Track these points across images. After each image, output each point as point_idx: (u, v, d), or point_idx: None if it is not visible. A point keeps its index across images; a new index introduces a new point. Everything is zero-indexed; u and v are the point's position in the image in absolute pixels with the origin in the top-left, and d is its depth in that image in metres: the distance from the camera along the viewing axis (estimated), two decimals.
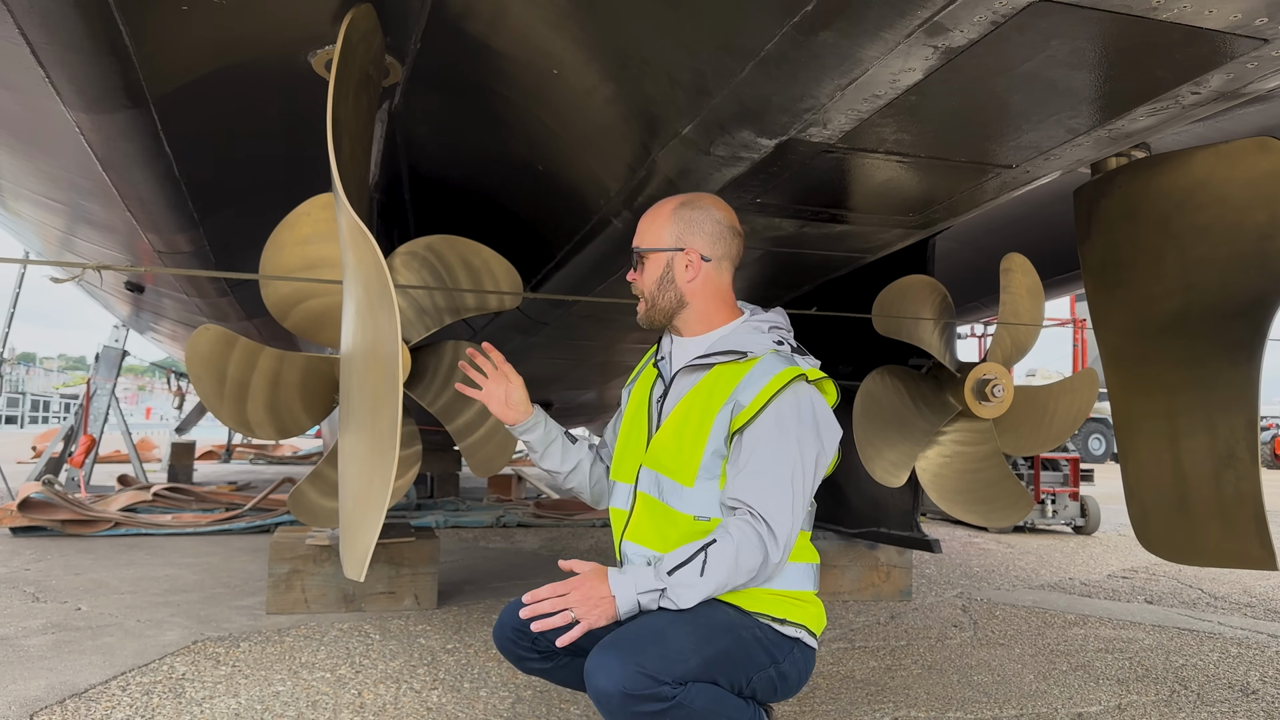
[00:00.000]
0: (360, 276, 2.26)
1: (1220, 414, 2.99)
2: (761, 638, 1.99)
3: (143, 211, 3.99)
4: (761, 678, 1.98)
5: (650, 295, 2.20)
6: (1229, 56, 1.83)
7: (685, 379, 2.16)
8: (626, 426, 2.27)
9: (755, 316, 2.25)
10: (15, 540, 6.29)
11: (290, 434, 3.56)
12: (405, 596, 4.35)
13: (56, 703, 2.88)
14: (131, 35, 2.41)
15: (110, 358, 10.12)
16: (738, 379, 2.07)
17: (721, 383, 2.09)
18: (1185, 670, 3.62)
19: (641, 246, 2.21)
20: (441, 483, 9.80)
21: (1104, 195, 3.19)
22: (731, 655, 1.91)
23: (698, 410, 2.09)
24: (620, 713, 1.76)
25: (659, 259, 2.20)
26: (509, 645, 2.12)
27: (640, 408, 2.24)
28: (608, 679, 1.76)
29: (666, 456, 2.10)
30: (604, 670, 1.77)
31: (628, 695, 1.75)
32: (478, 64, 2.86)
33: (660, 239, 2.20)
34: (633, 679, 1.74)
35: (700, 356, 2.15)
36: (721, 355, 2.11)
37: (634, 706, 1.75)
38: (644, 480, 2.14)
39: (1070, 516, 8.38)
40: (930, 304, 3.89)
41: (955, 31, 1.73)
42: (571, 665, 2.09)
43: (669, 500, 2.09)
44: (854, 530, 4.96)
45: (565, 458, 2.34)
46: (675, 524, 2.07)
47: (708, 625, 1.90)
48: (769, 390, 2.02)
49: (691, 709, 1.81)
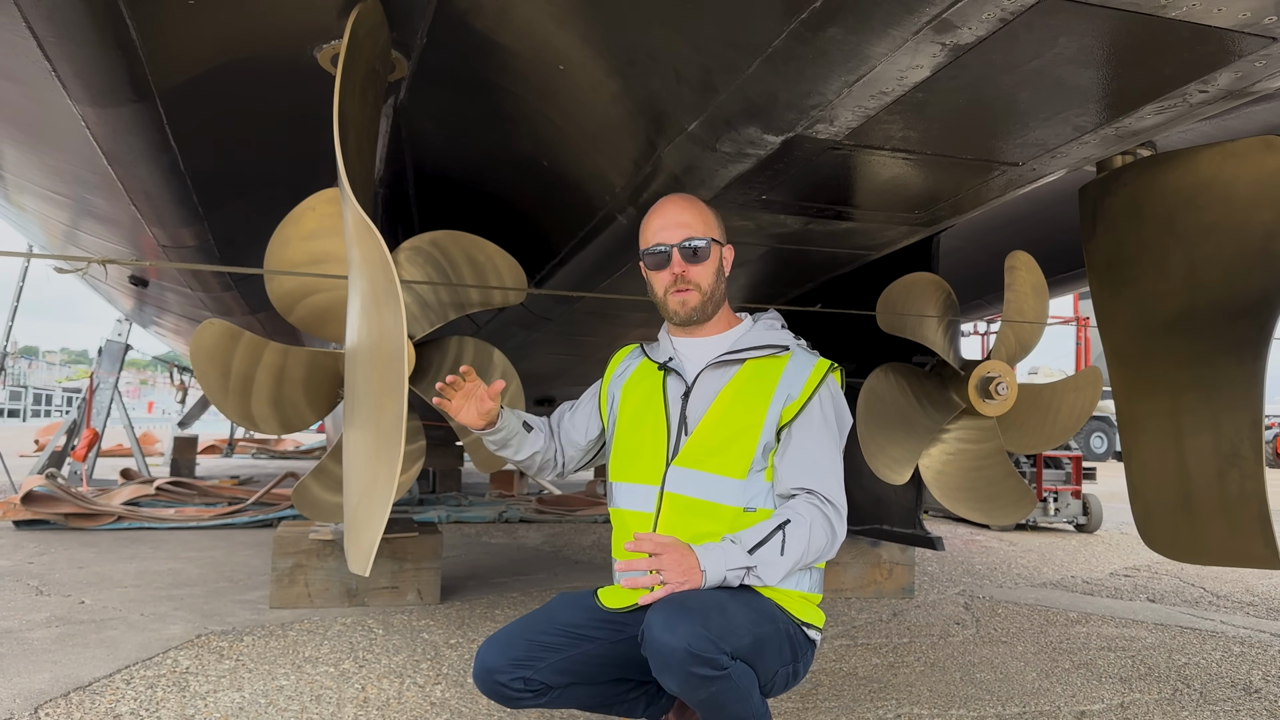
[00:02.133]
0: (365, 272, 2.26)
1: (1225, 413, 2.99)
2: (792, 635, 2.05)
3: (147, 206, 3.99)
4: (783, 673, 2.04)
5: (709, 287, 2.19)
6: (1237, 55, 1.82)
7: (714, 375, 2.17)
8: (632, 427, 2.24)
9: (764, 316, 2.30)
10: (18, 533, 6.31)
11: (294, 429, 3.56)
12: (408, 591, 4.36)
13: (61, 695, 2.89)
14: (137, 29, 2.41)
15: (113, 352, 10.13)
16: (779, 371, 2.13)
17: (763, 376, 2.13)
18: (1188, 669, 3.62)
19: (710, 236, 2.19)
20: (444, 478, 9.82)
21: (1109, 193, 3.19)
22: (772, 643, 1.97)
23: (745, 402, 2.11)
24: (678, 670, 1.80)
25: (716, 251, 2.22)
26: (499, 688, 2.04)
27: (649, 409, 2.22)
28: (674, 636, 1.79)
29: (713, 452, 2.10)
30: (671, 627, 1.80)
31: (691, 654, 1.78)
32: (483, 59, 2.86)
33: (714, 231, 2.22)
34: (699, 640, 1.78)
35: (730, 352, 2.17)
36: (757, 350, 2.16)
37: (691, 666, 1.79)
38: (677, 480, 2.11)
39: (1073, 514, 8.39)
40: (935, 301, 3.88)
41: (963, 29, 1.73)
42: (566, 694, 2.10)
43: (714, 496, 2.08)
44: (857, 527, 4.96)
45: (520, 449, 2.34)
46: (717, 517, 2.08)
47: (759, 610, 1.96)
48: (814, 381, 2.12)
49: (736, 686, 1.86)
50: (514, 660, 2.03)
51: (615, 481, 2.24)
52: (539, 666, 2.03)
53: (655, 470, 2.14)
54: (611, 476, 2.27)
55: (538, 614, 2.16)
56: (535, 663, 2.03)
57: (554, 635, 2.08)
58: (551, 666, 2.04)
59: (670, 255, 2.17)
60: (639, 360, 2.34)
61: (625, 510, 2.20)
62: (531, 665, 2.03)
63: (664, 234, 2.18)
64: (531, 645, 2.06)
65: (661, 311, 2.26)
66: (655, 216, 2.23)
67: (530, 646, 2.06)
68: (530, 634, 2.09)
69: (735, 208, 2.90)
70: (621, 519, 2.21)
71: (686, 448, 2.12)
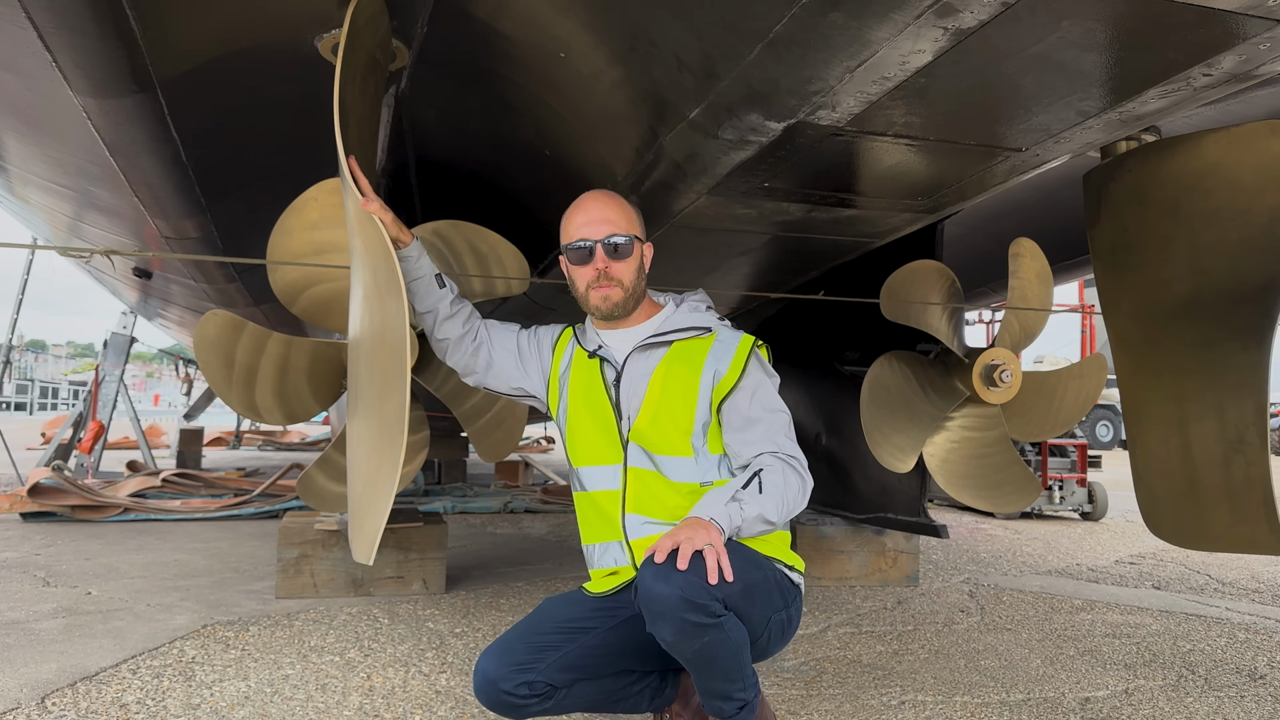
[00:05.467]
0: (368, 262, 2.26)
1: (1230, 399, 2.98)
2: (779, 580, 2.09)
3: (150, 197, 3.99)
4: (776, 620, 2.06)
5: (630, 284, 2.25)
6: (1241, 37, 1.81)
7: (641, 359, 2.23)
8: (583, 415, 2.29)
9: (690, 297, 2.37)
10: (25, 525, 6.33)
11: (298, 419, 3.57)
12: (414, 581, 4.37)
13: (68, 685, 2.90)
14: (138, 19, 2.41)
15: (118, 344, 10.14)
16: (704, 351, 2.20)
17: (689, 356, 2.20)
18: (1192, 655, 3.62)
19: (632, 233, 2.25)
20: (449, 468, 9.83)
21: (1113, 179, 3.17)
22: (762, 589, 2.00)
23: (676, 382, 2.18)
24: (671, 618, 1.82)
25: (638, 248, 2.28)
26: (503, 697, 2.04)
27: (594, 394, 2.27)
28: (667, 584, 1.81)
29: (657, 436, 2.16)
30: (664, 575, 1.82)
31: (685, 600, 1.80)
32: (484, 48, 2.85)
33: (636, 228, 2.29)
34: (691, 586, 1.80)
35: (655, 335, 2.23)
36: (682, 332, 2.23)
37: (685, 613, 1.81)
38: (636, 456, 2.18)
39: (1078, 502, 8.38)
40: (939, 289, 3.88)
41: (965, 12, 1.72)
42: (571, 695, 2.12)
43: (669, 474, 2.15)
44: (861, 516, 4.96)
45: (423, 298, 2.38)
46: (678, 493, 2.14)
47: (745, 558, 1.97)
48: (740, 356, 2.18)
49: (727, 636, 1.88)
50: (515, 665, 2.04)
51: (580, 467, 2.30)
52: (541, 667, 2.04)
53: (614, 450, 2.21)
54: (575, 463, 2.32)
55: (530, 619, 2.19)
56: (537, 664, 2.05)
57: (551, 634, 2.10)
58: (554, 665, 2.06)
59: (594, 250, 2.21)
60: (574, 348, 2.39)
61: (594, 492, 2.25)
62: (534, 667, 2.04)
63: (587, 229, 2.23)
64: (530, 648, 2.08)
65: (583, 306, 2.32)
66: (578, 212, 2.27)
67: (529, 649, 2.07)
68: (527, 637, 2.11)
69: (738, 195, 2.90)
70: (592, 500, 2.26)
71: (634, 431, 2.19)
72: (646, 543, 2.10)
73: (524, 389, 2.44)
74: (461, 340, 2.42)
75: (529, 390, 2.44)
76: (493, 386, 2.47)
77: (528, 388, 2.43)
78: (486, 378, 2.45)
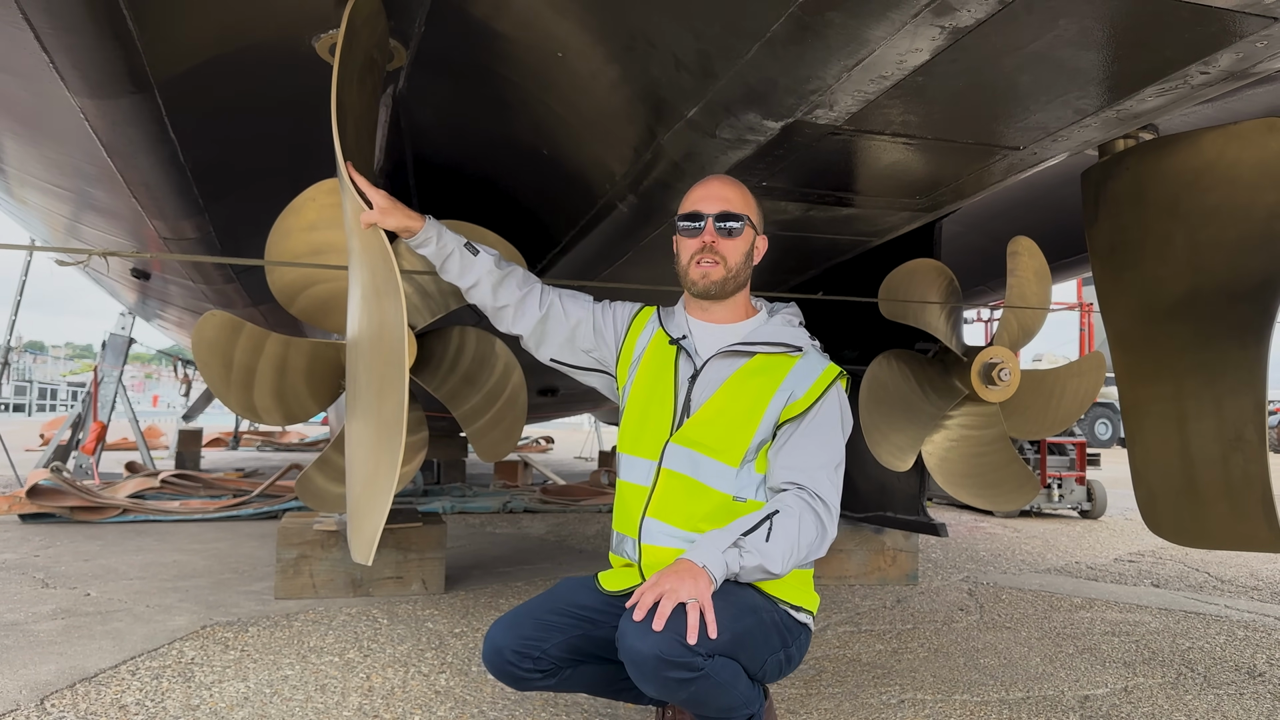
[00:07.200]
0: (366, 262, 2.26)
1: (1228, 396, 2.98)
2: (779, 622, 2.05)
3: (148, 198, 3.99)
4: (773, 660, 2.04)
5: (735, 265, 2.20)
6: (1238, 35, 1.81)
7: (721, 364, 2.18)
8: (643, 402, 2.25)
9: (784, 310, 2.31)
10: (24, 527, 6.32)
11: (297, 420, 3.57)
12: (413, 581, 4.37)
13: (67, 686, 2.90)
14: (135, 19, 2.40)
15: (117, 345, 10.13)
16: (786, 370, 2.14)
17: (770, 372, 2.15)
18: (1192, 653, 3.62)
19: (745, 214, 2.21)
20: (448, 469, 9.83)
21: (1111, 177, 3.17)
22: (754, 636, 1.96)
23: (748, 396, 2.12)
24: (653, 676, 1.80)
25: (749, 234, 2.24)
26: (508, 667, 2.06)
27: (660, 384, 2.23)
28: (645, 642, 1.79)
29: (710, 436, 2.12)
30: (642, 634, 1.80)
31: (662, 660, 1.78)
32: (482, 47, 2.85)
33: (753, 213, 2.24)
34: (669, 645, 1.78)
35: (741, 343, 2.18)
36: (769, 346, 2.17)
37: (666, 671, 1.79)
38: (674, 457, 2.14)
39: (1077, 501, 8.39)
40: (937, 288, 3.87)
41: (962, 11, 1.72)
42: (575, 675, 2.12)
43: (706, 479, 2.10)
44: (860, 514, 4.97)
45: (465, 273, 2.37)
46: (709, 501, 2.09)
47: (737, 604, 1.94)
48: (821, 385, 2.12)
49: (714, 681, 1.85)
50: (523, 638, 2.05)
51: (622, 453, 2.28)
52: (546, 646, 2.05)
53: (656, 445, 2.17)
54: (620, 448, 2.30)
55: (544, 596, 2.18)
56: (543, 642, 2.06)
57: (561, 615, 2.11)
58: (559, 645, 2.06)
59: (705, 224, 2.18)
60: (655, 330, 2.33)
61: (626, 483, 2.23)
62: (540, 645, 2.05)
63: (703, 204, 2.20)
64: (539, 625, 2.08)
65: (682, 281, 2.27)
66: (699, 187, 2.25)
67: (538, 625, 2.08)
68: (538, 614, 2.11)
69: None
70: (622, 492, 2.24)
71: (686, 427, 2.14)
72: (655, 551, 2.10)
73: (597, 360, 2.36)
74: (524, 304, 2.35)
75: (601, 360, 2.36)
76: (564, 359, 2.38)
77: (601, 358, 2.36)
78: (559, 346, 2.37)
